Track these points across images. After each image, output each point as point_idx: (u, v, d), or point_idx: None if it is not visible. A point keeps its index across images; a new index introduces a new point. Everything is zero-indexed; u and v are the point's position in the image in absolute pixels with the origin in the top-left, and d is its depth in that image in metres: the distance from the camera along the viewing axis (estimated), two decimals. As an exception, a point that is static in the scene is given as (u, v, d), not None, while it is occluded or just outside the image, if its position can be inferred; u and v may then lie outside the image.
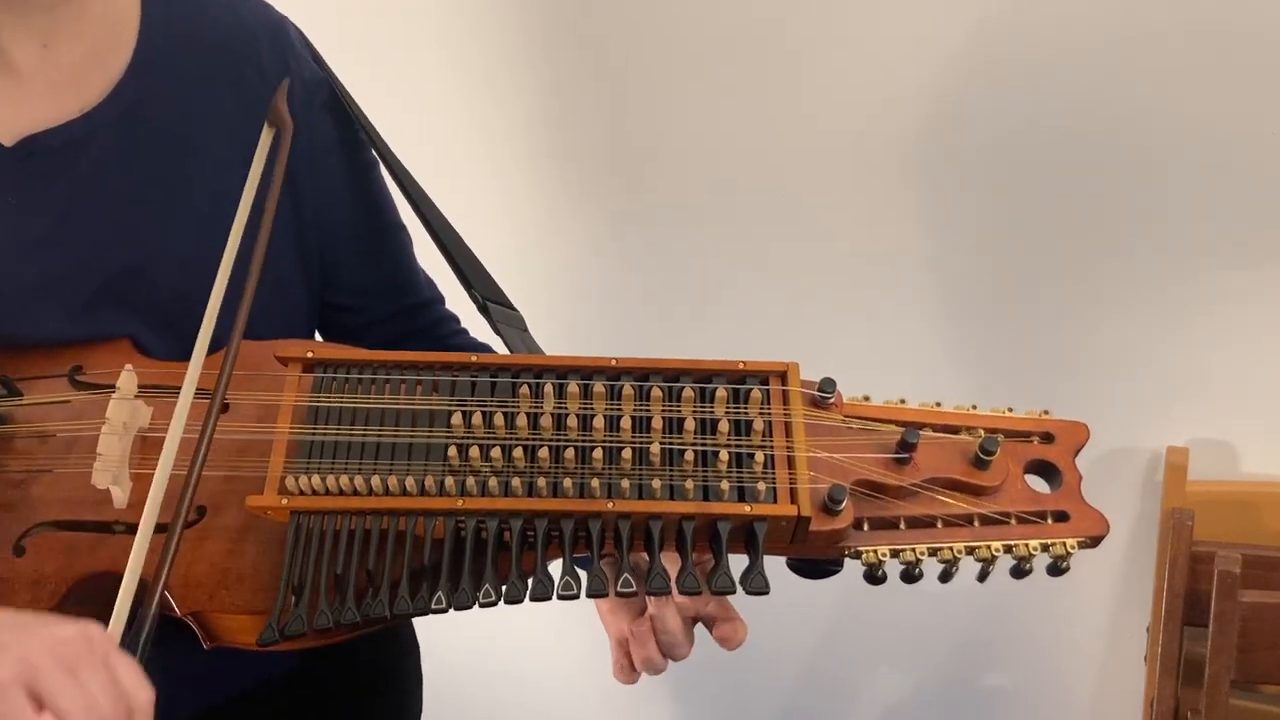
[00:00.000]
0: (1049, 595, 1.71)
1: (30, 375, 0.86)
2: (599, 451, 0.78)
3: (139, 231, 0.87)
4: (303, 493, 0.78)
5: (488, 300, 0.96)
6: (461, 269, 0.97)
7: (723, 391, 0.81)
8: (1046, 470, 0.83)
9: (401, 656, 1.13)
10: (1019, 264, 1.48)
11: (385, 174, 1.00)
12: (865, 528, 0.80)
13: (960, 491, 0.81)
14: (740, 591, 0.77)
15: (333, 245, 0.97)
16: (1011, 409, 0.85)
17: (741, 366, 0.82)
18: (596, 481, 0.77)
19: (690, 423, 0.79)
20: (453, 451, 0.78)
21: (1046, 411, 0.85)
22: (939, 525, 0.80)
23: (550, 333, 1.04)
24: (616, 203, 1.55)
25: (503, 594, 0.76)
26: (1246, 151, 1.34)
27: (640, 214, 1.55)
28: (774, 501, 0.77)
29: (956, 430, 0.83)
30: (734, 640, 0.84)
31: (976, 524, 0.80)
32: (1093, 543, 0.81)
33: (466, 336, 1.04)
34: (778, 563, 0.82)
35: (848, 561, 0.81)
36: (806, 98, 1.41)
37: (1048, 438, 0.84)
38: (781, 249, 1.53)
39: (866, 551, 0.79)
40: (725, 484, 0.77)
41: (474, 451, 0.78)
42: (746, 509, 0.77)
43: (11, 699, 0.61)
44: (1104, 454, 1.54)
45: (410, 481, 0.78)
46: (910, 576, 0.81)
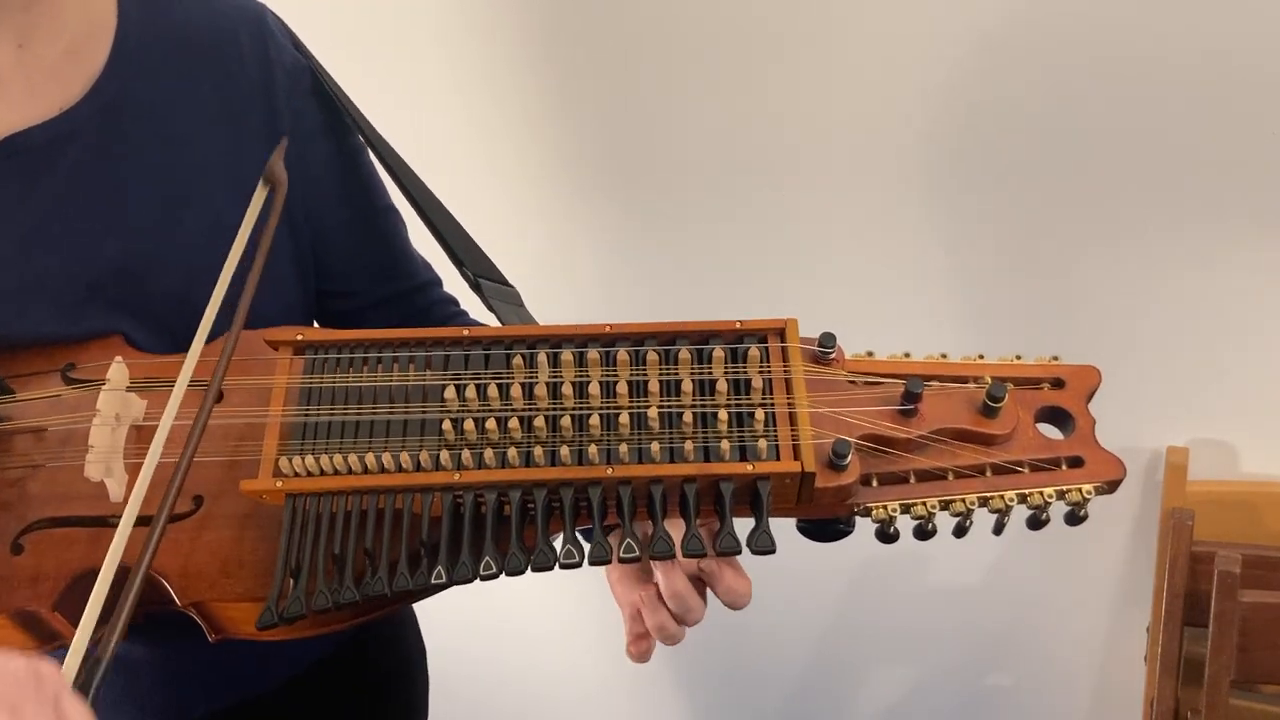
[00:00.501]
0: (1049, 595, 1.70)
1: (22, 373, 0.86)
2: (595, 418, 0.76)
3: (125, 228, 0.87)
4: (297, 474, 0.77)
5: (480, 277, 0.95)
6: (452, 247, 0.96)
7: (720, 352, 0.79)
8: (1059, 416, 0.81)
9: (408, 657, 1.12)
10: (1018, 264, 1.46)
11: (374, 159, 0.99)
12: (874, 484, 0.78)
13: (970, 442, 0.79)
14: (746, 551, 0.75)
15: (324, 232, 0.96)
16: (1020, 356, 0.83)
17: (738, 326, 0.81)
18: (594, 448, 0.75)
19: (688, 384, 0.78)
20: (447, 425, 0.77)
21: (1056, 357, 0.83)
22: (950, 477, 0.78)
23: (549, 319, 1.03)
24: (620, 197, 1.54)
25: (504, 565, 0.74)
26: (1248, 152, 1.32)
27: (644, 208, 1.54)
28: (776, 459, 0.75)
29: (964, 380, 0.81)
30: (738, 593, 0.80)
31: (989, 474, 0.78)
32: (1110, 488, 0.78)
33: (465, 318, 1.03)
34: (784, 549, 0.79)
35: (858, 521, 0.79)
36: (807, 95, 1.40)
37: (1058, 384, 0.82)
38: (782, 247, 1.52)
39: (876, 508, 0.77)
40: (726, 444, 0.75)
41: (469, 425, 0.77)
42: (749, 468, 0.75)
43: None
44: (1104, 454, 1.53)
45: (405, 458, 0.76)
46: (923, 533, 0.79)
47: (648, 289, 1.60)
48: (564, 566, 0.74)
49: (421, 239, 1.01)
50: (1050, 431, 0.81)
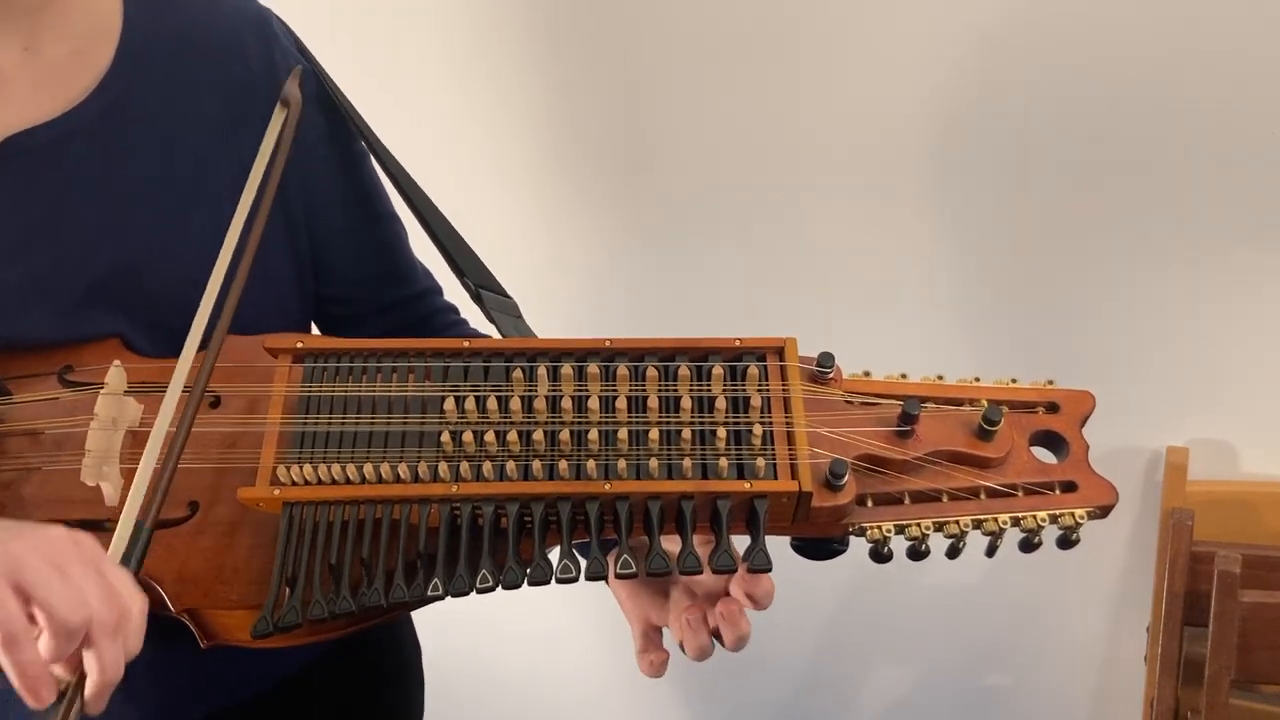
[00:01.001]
0: (1049, 595, 1.70)
1: (19, 375, 0.86)
2: (594, 433, 0.77)
3: (126, 229, 0.87)
4: (295, 483, 0.77)
5: (480, 288, 0.95)
6: (453, 257, 0.96)
7: (719, 369, 0.79)
8: (1052, 440, 0.81)
9: (403, 657, 1.12)
10: (1018, 265, 1.47)
11: (376, 165, 0.99)
12: (869, 504, 0.78)
13: (965, 464, 0.79)
14: (742, 570, 0.75)
15: (324, 237, 0.96)
16: (1015, 380, 0.84)
17: (738, 343, 0.81)
18: (593, 463, 0.76)
19: (686, 401, 0.78)
20: (446, 437, 0.77)
21: (1051, 381, 0.84)
22: (944, 499, 0.78)
23: (549, 327, 1.03)
24: (621, 200, 1.54)
25: (500, 579, 0.74)
26: (1248, 152, 1.33)
27: (644, 211, 1.54)
28: (774, 478, 0.76)
29: (959, 403, 0.82)
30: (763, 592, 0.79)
31: (983, 496, 0.79)
32: (1102, 512, 0.79)
33: (465, 327, 1.03)
34: (780, 553, 0.80)
35: (852, 540, 0.80)
36: (810, 96, 1.41)
37: (1052, 408, 0.82)
38: (784, 246, 1.52)
39: (871, 528, 0.78)
40: (724, 461, 0.76)
41: (467, 437, 0.77)
42: (746, 486, 0.75)
43: None
44: (1104, 454, 1.50)
45: (404, 469, 0.76)
46: (917, 553, 0.79)
47: (647, 290, 1.60)
48: (560, 581, 0.74)
49: (423, 248, 1.01)
50: (1044, 455, 0.82)
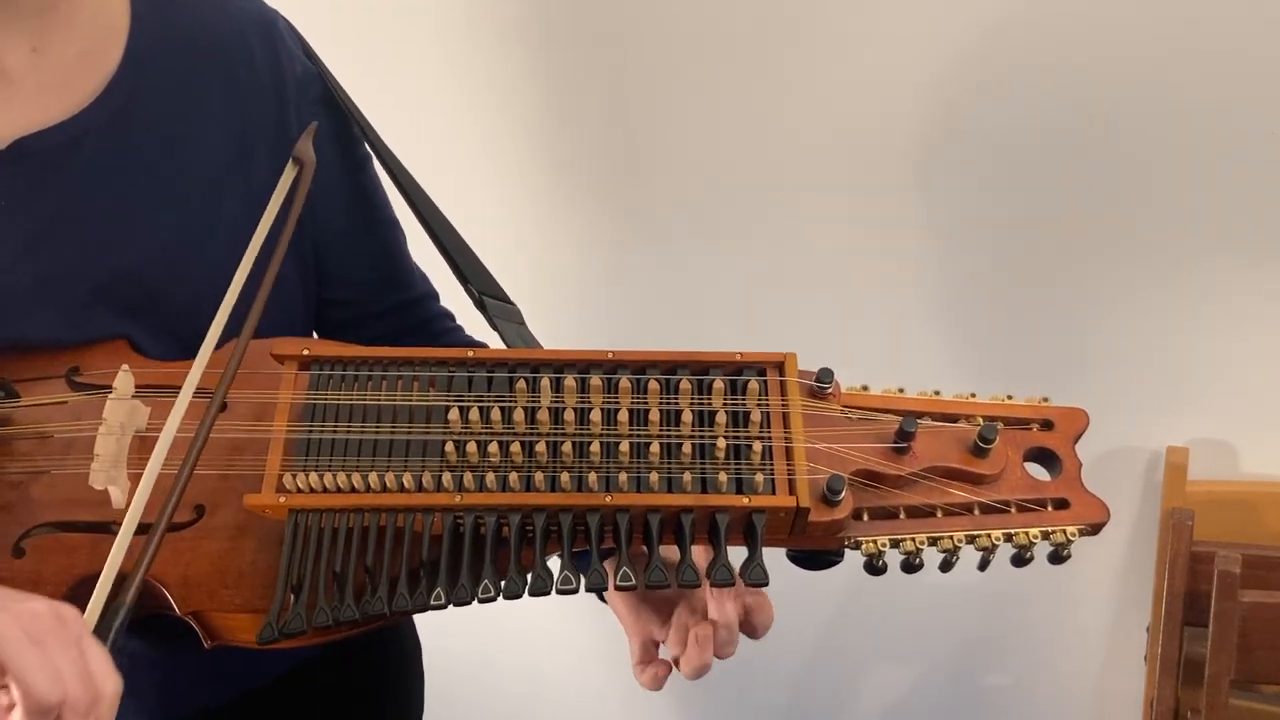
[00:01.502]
0: (1049, 595, 1.71)
1: (28, 377, 0.86)
2: (596, 445, 0.78)
3: (133, 232, 0.87)
4: (300, 490, 0.78)
5: (484, 295, 0.96)
6: (457, 264, 0.97)
7: (720, 383, 0.80)
8: (1046, 458, 0.83)
9: (404, 655, 1.13)
10: (1017, 264, 1.47)
11: (380, 169, 1.00)
12: (865, 518, 0.80)
13: (960, 480, 0.81)
14: (740, 584, 0.76)
15: (326, 240, 0.97)
16: (1011, 396, 0.85)
17: (739, 358, 0.82)
18: (594, 475, 0.77)
19: (687, 415, 0.79)
20: (450, 447, 0.78)
21: (1046, 399, 0.85)
22: (939, 514, 0.80)
23: (549, 328, 1.04)
24: (618, 202, 1.54)
25: (502, 589, 0.76)
26: (1247, 151, 1.33)
27: (642, 212, 1.54)
28: (772, 493, 0.77)
29: (955, 419, 0.83)
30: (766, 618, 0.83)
31: (976, 512, 0.80)
32: (1093, 530, 0.81)
33: (461, 334, 1.04)
34: (777, 556, 0.82)
35: (848, 553, 0.81)
36: (810, 97, 1.41)
37: (1047, 425, 0.84)
38: (783, 247, 1.53)
39: (866, 542, 0.79)
40: (723, 476, 0.77)
41: (471, 447, 0.78)
42: (745, 501, 0.76)
43: None
44: (1104, 454, 1.54)
45: (408, 478, 0.78)
46: (910, 567, 0.80)
47: (646, 283, 1.60)
48: (561, 592, 0.75)
49: (427, 254, 1.02)
50: (1038, 472, 0.83)
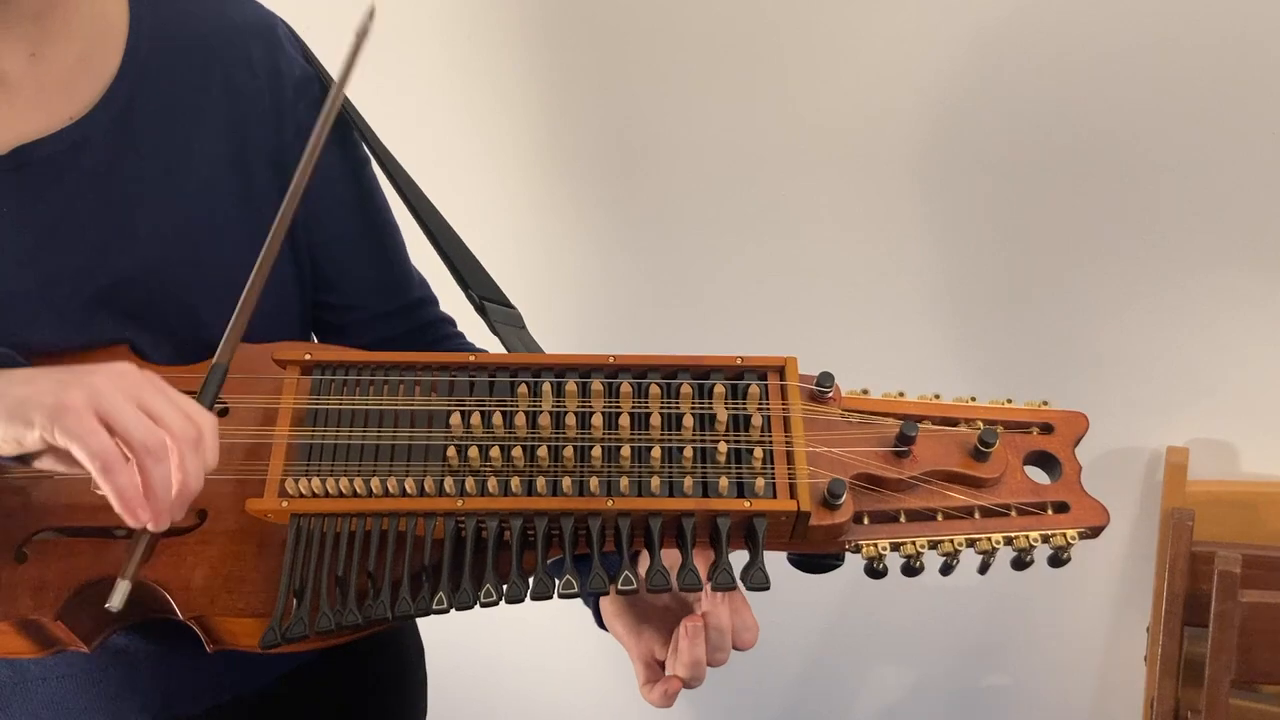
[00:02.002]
0: (1049, 595, 1.72)
1: (29, 382, 0.86)
2: (598, 450, 0.78)
3: (133, 236, 0.87)
4: (302, 495, 0.78)
5: (485, 299, 0.96)
6: (458, 268, 0.97)
7: (721, 387, 0.81)
8: (1046, 461, 0.83)
9: (406, 657, 1.13)
10: (1018, 265, 1.48)
11: (380, 173, 1.00)
12: (865, 521, 0.80)
13: (960, 484, 0.81)
14: (741, 588, 0.77)
15: (324, 243, 0.97)
16: (1011, 400, 0.85)
17: (739, 362, 0.82)
18: (595, 480, 0.77)
19: (689, 419, 0.79)
20: (452, 452, 0.78)
21: (1045, 402, 0.85)
22: (939, 518, 0.80)
23: (549, 330, 1.05)
24: (618, 203, 1.54)
25: (504, 593, 0.76)
26: (1247, 153, 1.33)
27: (642, 213, 1.55)
28: (773, 497, 0.77)
29: (955, 422, 0.83)
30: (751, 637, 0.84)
31: (977, 516, 0.80)
32: (1093, 533, 0.81)
33: (461, 339, 1.04)
34: (778, 559, 0.82)
35: (848, 556, 0.82)
36: (811, 98, 1.41)
37: (1047, 428, 0.84)
38: (783, 248, 1.53)
39: (866, 545, 0.79)
40: (724, 480, 0.77)
41: (473, 452, 0.78)
42: (746, 505, 0.77)
43: (84, 421, 0.68)
44: (1104, 454, 1.54)
45: (410, 483, 0.78)
46: (911, 570, 0.81)
47: (645, 284, 1.60)
48: (562, 596, 0.76)
49: (427, 258, 1.02)
50: (1037, 475, 0.83)
